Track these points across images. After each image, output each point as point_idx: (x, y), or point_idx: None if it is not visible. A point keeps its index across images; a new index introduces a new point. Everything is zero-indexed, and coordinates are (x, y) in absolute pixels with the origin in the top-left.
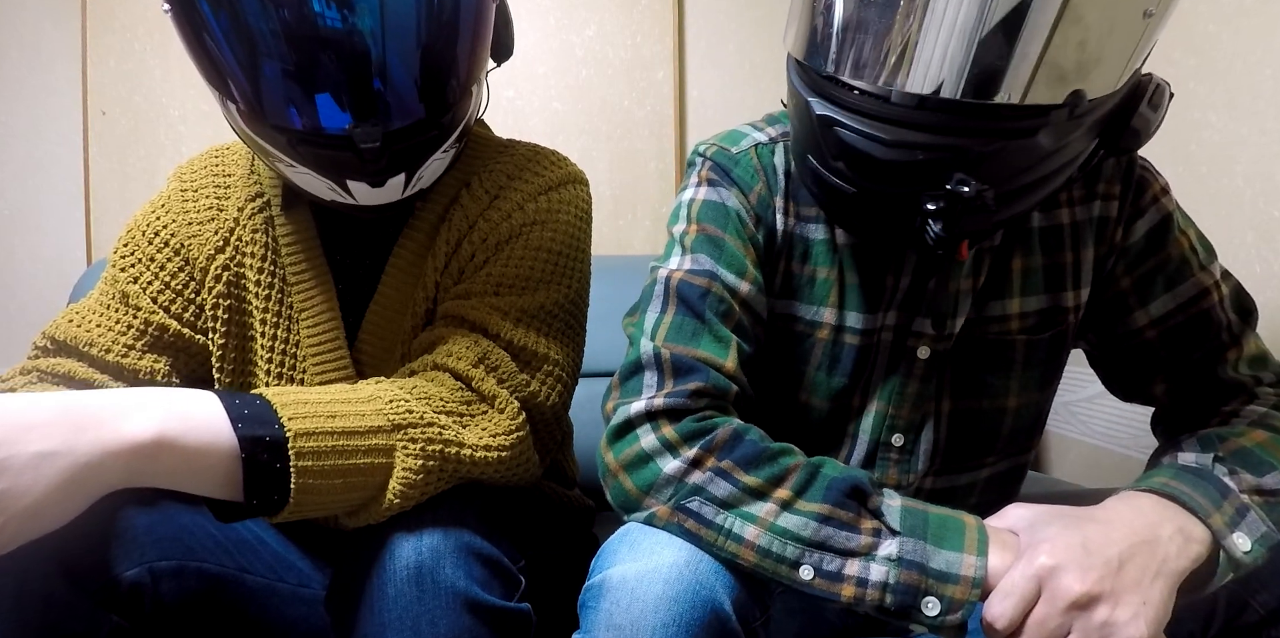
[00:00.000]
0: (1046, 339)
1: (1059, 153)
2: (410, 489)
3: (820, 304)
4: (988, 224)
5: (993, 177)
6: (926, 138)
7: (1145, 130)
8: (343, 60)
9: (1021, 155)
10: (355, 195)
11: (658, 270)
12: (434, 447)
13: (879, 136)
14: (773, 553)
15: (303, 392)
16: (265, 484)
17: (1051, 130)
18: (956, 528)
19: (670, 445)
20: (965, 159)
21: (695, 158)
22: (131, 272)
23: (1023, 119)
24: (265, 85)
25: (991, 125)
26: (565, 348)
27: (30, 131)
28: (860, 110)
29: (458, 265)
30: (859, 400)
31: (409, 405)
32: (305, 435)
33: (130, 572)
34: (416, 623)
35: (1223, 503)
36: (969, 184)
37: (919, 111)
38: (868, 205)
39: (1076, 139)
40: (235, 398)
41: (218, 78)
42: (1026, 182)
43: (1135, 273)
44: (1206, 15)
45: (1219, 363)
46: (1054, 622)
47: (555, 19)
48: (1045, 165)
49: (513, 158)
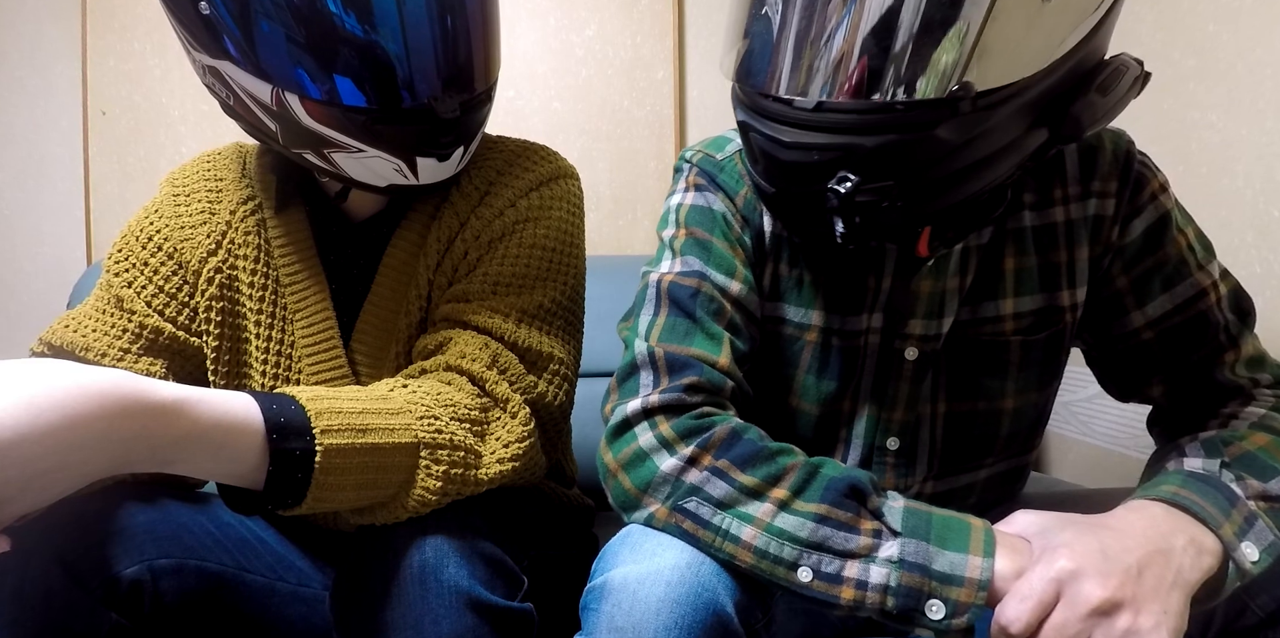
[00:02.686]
0: (1042, 340)
1: (975, 145)
2: (424, 506)
3: (808, 306)
4: (898, 220)
5: (898, 173)
6: (821, 138)
7: (1088, 116)
8: (434, 34)
9: (924, 150)
10: (420, 174)
11: (649, 275)
12: (455, 470)
13: (780, 139)
14: (770, 554)
15: (336, 397)
16: (282, 485)
17: (954, 124)
18: (961, 530)
19: (667, 442)
20: (858, 157)
21: (682, 163)
22: (126, 276)
23: (912, 114)
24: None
25: (882, 123)
26: (567, 345)
27: (30, 131)
28: (768, 115)
29: (451, 263)
30: (850, 405)
31: (439, 424)
32: (335, 451)
33: (130, 570)
34: (419, 622)
35: (1232, 512)
36: (849, 181)
37: (816, 114)
38: (787, 205)
39: (998, 129)
40: (272, 401)
41: (284, 70)
42: (942, 175)
43: (1132, 272)
44: (1206, 15)
45: (1217, 365)
46: (1074, 628)
47: (555, 19)
48: (960, 158)
49: (501, 154)
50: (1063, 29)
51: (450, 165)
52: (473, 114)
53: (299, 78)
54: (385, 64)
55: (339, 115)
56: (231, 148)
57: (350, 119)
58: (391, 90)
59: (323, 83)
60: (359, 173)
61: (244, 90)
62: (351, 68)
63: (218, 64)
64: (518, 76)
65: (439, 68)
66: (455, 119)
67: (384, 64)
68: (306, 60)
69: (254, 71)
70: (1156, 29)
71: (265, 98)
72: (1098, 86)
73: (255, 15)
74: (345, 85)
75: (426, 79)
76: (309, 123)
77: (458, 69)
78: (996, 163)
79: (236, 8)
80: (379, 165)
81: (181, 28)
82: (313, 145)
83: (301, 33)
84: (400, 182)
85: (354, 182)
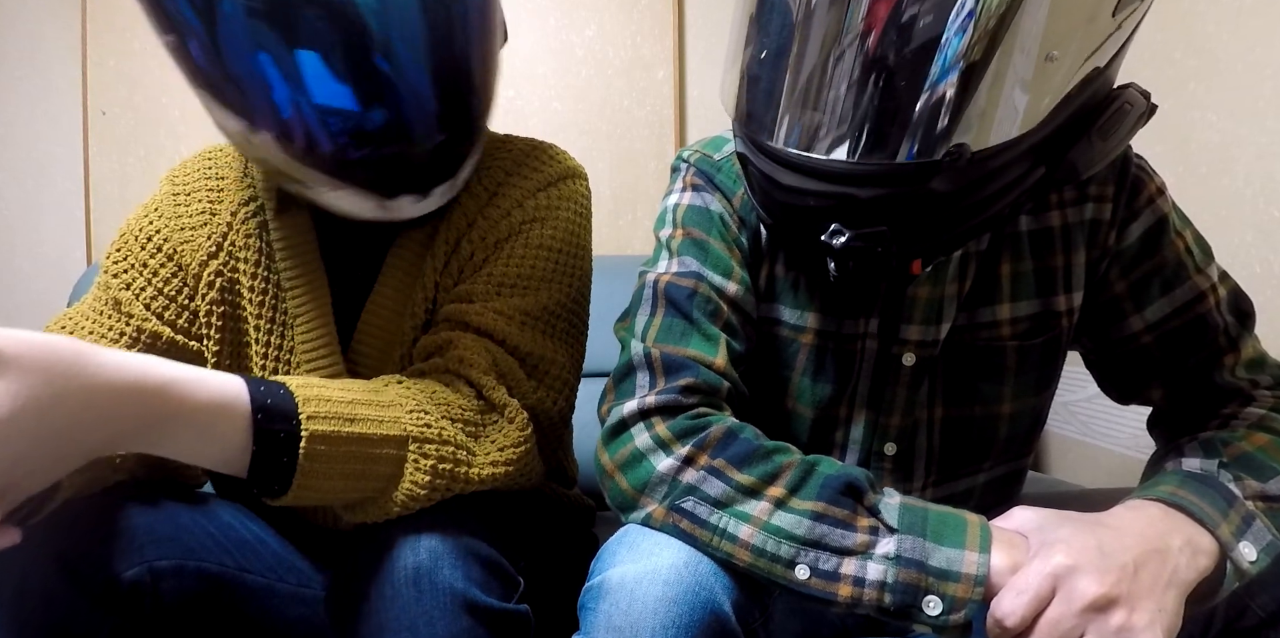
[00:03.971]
0: (1039, 344)
1: (969, 192)
2: (413, 501)
3: (804, 309)
4: (889, 266)
5: (890, 220)
6: (815, 186)
7: (1084, 162)
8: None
9: (917, 202)
10: (400, 211)
11: (646, 275)
12: (444, 465)
13: (776, 180)
14: (767, 552)
15: (326, 386)
16: (267, 471)
17: (947, 177)
18: (957, 525)
19: (663, 443)
20: (852, 208)
21: (679, 163)
22: (124, 278)
23: (907, 168)
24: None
25: (876, 174)
26: (569, 349)
27: (30, 131)
28: (765, 152)
29: (457, 264)
30: (846, 409)
31: (428, 418)
32: (320, 438)
33: (130, 571)
34: (414, 624)
35: (1229, 512)
36: (844, 234)
37: (811, 161)
38: (785, 235)
39: (993, 178)
40: (261, 384)
41: (247, 109)
42: (935, 220)
43: (1130, 277)
44: (1206, 15)
45: (1216, 368)
46: (1068, 623)
47: (555, 19)
48: (954, 204)
49: (510, 153)
50: (1063, 81)
51: (433, 201)
52: (450, 154)
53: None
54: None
55: (311, 155)
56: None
57: (317, 160)
58: (357, 134)
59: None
60: (346, 206)
61: (220, 124)
62: (314, 111)
63: (196, 92)
64: (518, 76)
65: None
66: (429, 160)
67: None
68: (269, 99)
69: (224, 105)
70: (1156, 29)
71: (238, 132)
72: (1098, 130)
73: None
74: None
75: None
76: (282, 158)
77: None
78: (991, 204)
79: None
80: (357, 203)
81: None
82: (289, 179)
83: (265, 72)
84: (381, 216)
85: (336, 212)
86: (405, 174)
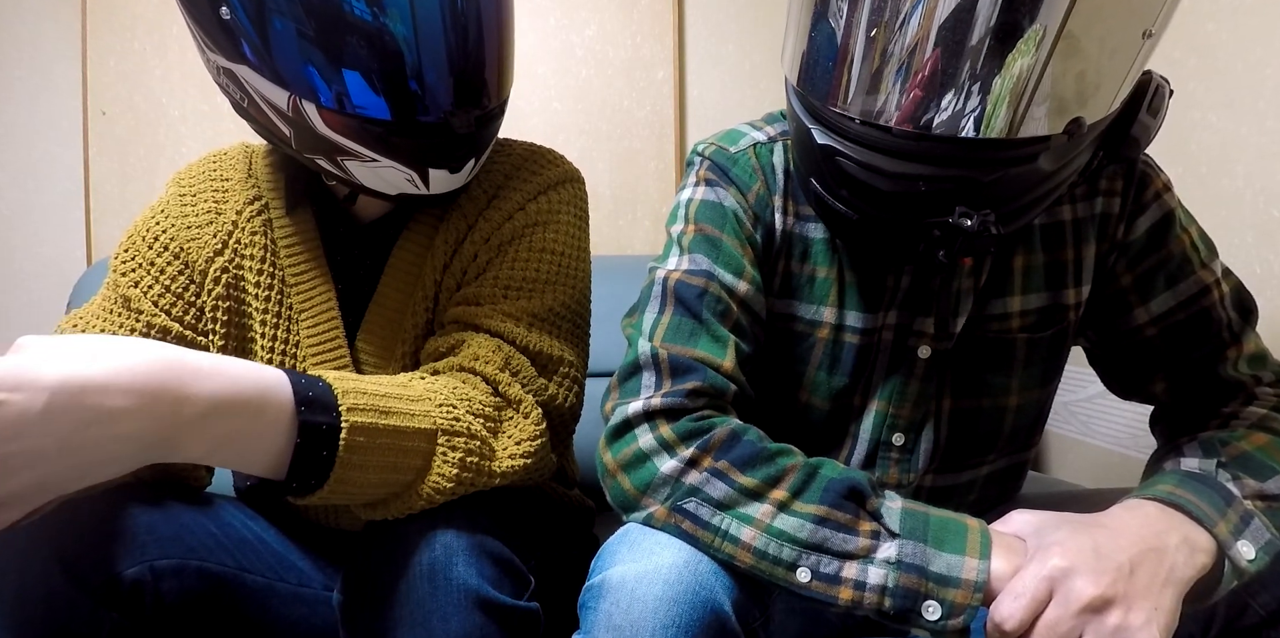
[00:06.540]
0: (1048, 337)
1: (1060, 170)
2: (438, 495)
3: (820, 303)
4: (991, 246)
5: (995, 201)
6: (928, 169)
7: (1145, 137)
8: (452, 50)
9: (1023, 180)
10: (432, 185)
11: (656, 271)
12: (470, 459)
13: (881, 168)
14: (769, 555)
15: (360, 379)
16: (306, 469)
17: (1051, 154)
18: (958, 531)
19: (667, 445)
20: (967, 189)
21: (694, 157)
22: (132, 276)
23: (1023, 148)
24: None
25: (992, 156)
26: (575, 348)
27: (30, 132)
28: (861, 141)
29: (459, 265)
30: (859, 400)
31: (456, 412)
32: (359, 430)
33: (131, 570)
34: (428, 620)
35: (1227, 511)
36: (972, 217)
37: (920, 143)
38: (872, 230)
39: (1079, 154)
40: (301, 377)
41: (302, 79)
42: (1029, 200)
43: (1136, 270)
44: (1206, 15)
45: (1219, 361)
46: (1066, 625)
47: (555, 19)
48: (1047, 183)
49: (509, 157)
50: (1146, 56)
51: (461, 176)
52: (486, 127)
53: (317, 87)
54: (403, 77)
55: (355, 126)
56: (238, 148)
57: (366, 130)
58: (408, 104)
59: (341, 94)
60: (370, 181)
61: (259, 94)
62: (371, 80)
63: (234, 67)
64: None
65: (457, 83)
66: (470, 133)
67: (402, 77)
68: (326, 71)
69: (271, 77)
70: None
71: (281, 104)
72: (1150, 107)
73: (275, 23)
74: (363, 98)
75: (444, 94)
76: (324, 130)
77: (475, 84)
78: (1066, 182)
79: (256, 14)
80: (391, 175)
81: (198, 28)
82: (326, 152)
83: (322, 43)
84: (411, 191)
85: (364, 189)
86: (447, 146)
